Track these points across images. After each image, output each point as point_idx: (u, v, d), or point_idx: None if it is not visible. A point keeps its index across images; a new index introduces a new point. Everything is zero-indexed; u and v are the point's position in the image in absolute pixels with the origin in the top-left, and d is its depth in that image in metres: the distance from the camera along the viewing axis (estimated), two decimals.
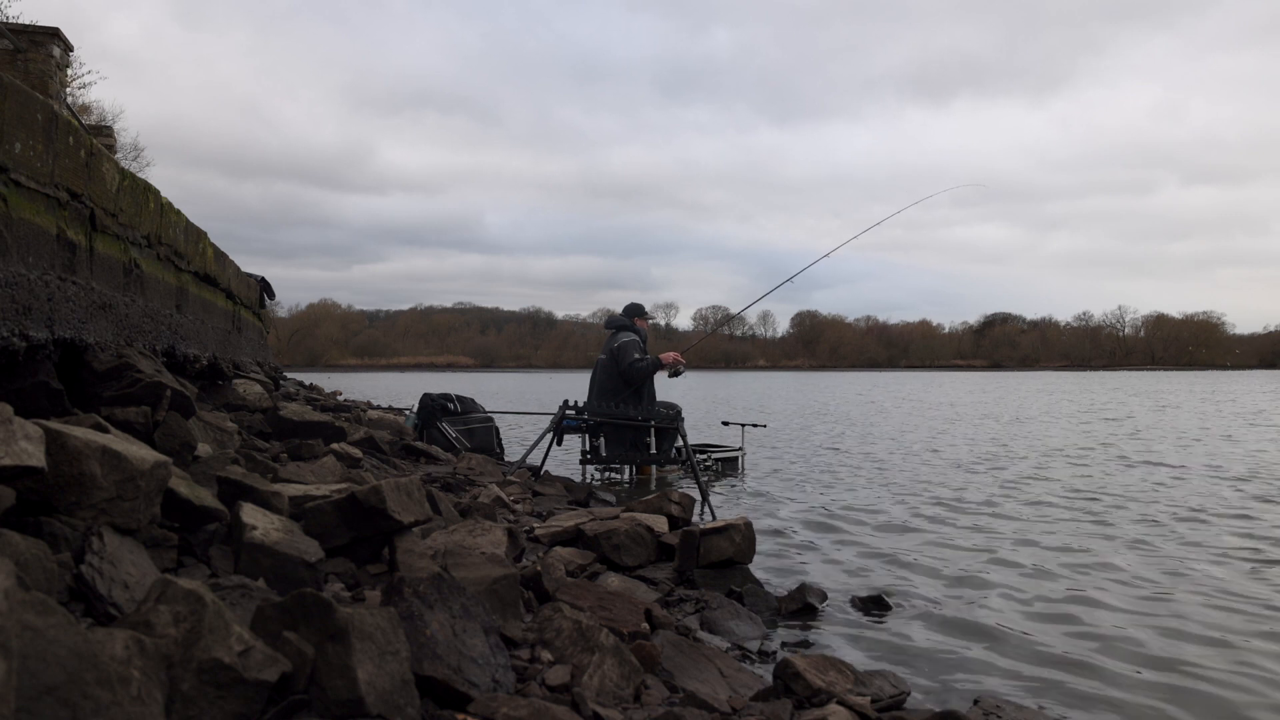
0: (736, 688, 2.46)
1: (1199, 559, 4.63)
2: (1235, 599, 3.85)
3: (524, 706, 1.64)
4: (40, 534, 1.66)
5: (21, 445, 1.58)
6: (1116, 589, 4.02)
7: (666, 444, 7.14)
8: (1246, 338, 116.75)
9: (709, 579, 3.76)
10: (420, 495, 2.60)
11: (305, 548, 2.14)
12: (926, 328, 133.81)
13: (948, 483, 7.65)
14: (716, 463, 8.38)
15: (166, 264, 5.02)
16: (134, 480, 1.80)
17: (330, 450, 4.63)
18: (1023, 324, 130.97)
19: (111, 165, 3.69)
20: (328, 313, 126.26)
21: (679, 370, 7.61)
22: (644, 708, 2.03)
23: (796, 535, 5.29)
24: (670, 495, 4.76)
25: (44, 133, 2.85)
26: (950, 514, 6.04)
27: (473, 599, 1.91)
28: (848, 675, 2.48)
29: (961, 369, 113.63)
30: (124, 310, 3.89)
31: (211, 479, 2.63)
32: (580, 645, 2.10)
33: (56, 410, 2.74)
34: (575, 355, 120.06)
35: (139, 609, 1.36)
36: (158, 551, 2.03)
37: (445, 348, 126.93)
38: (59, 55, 11.55)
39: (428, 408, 8.55)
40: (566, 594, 2.72)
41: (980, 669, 2.99)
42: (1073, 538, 5.19)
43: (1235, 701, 2.71)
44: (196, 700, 1.27)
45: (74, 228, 3.21)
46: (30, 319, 2.75)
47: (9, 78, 2.62)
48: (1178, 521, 5.71)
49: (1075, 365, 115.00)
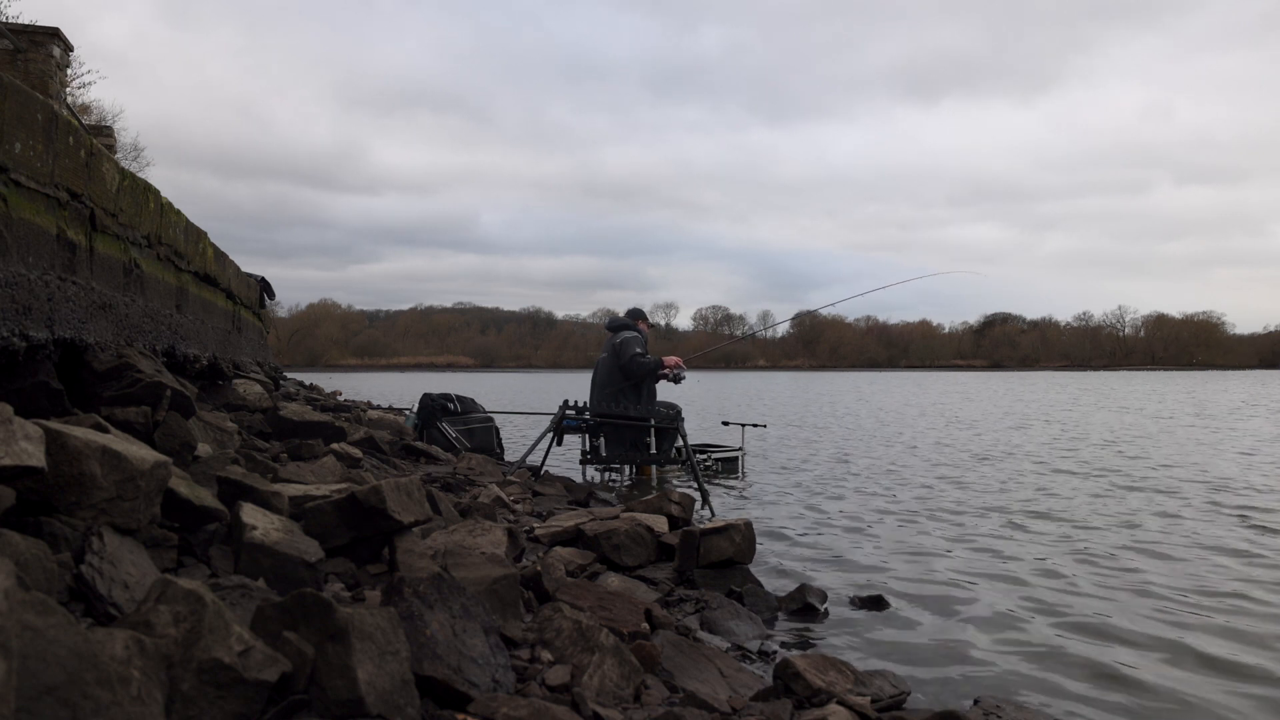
0: (736, 688, 2.46)
1: (1198, 560, 4.63)
2: (1235, 599, 3.85)
3: (524, 706, 1.64)
4: (40, 534, 1.66)
5: (21, 445, 1.58)
6: (1117, 589, 4.02)
7: (666, 444, 7.14)
8: (1246, 338, 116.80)
9: (709, 579, 3.76)
10: (420, 495, 2.60)
11: (305, 548, 2.14)
12: (926, 328, 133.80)
13: (949, 483, 7.65)
14: (716, 463, 8.38)
15: (166, 264, 5.02)
16: (134, 480, 1.80)
17: (330, 450, 4.63)
18: (1023, 324, 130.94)
19: (111, 165, 3.69)
20: (327, 313, 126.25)
21: (680, 376, 7.63)
22: (644, 708, 2.03)
23: (797, 535, 5.29)
24: (670, 495, 4.76)
25: (44, 133, 2.85)
26: (951, 514, 6.04)
27: (473, 599, 1.91)
28: (848, 675, 2.48)
29: (962, 369, 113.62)
30: (124, 310, 3.89)
31: (211, 479, 2.63)
32: (580, 645, 2.10)
33: (56, 410, 2.74)
34: (575, 355, 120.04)
35: (139, 609, 1.36)
36: (158, 551, 2.03)
37: (445, 348, 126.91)
38: (59, 55, 11.55)
39: (428, 408, 8.55)
40: (566, 594, 2.72)
41: (980, 669, 2.99)
42: (1073, 538, 5.19)
43: (1236, 701, 2.71)
44: (196, 700, 1.27)
45: (74, 228, 3.21)
46: (30, 319, 2.75)
47: (9, 78, 2.62)
48: (1180, 522, 5.71)
49: (1075, 365, 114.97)
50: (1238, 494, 6.91)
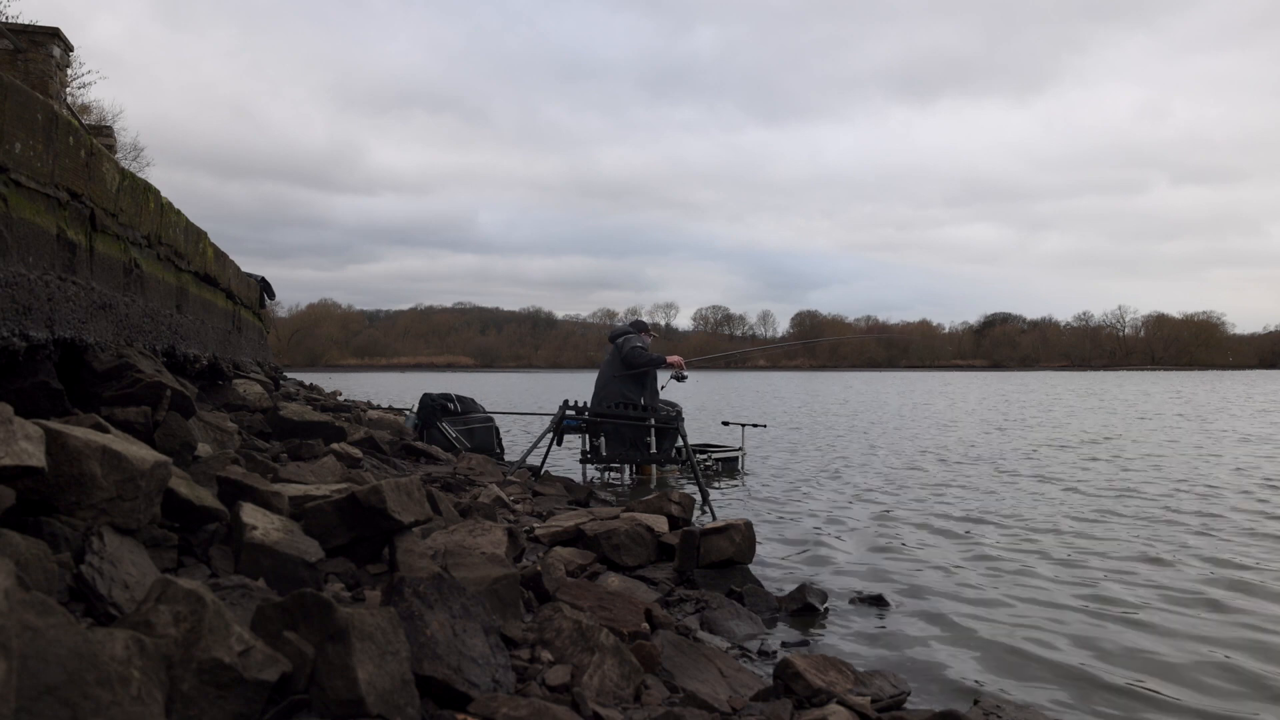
0: (736, 688, 2.46)
1: (1199, 558, 4.63)
2: (1236, 599, 3.85)
3: (524, 706, 1.64)
4: (40, 534, 1.66)
5: (21, 445, 1.58)
6: (1117, 590, 4.01)
7: (666, 444, 7.14)
8: (1246, 338, 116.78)
9: (709, 579, 3.76)
10: (420, 495, 2.60)
11: (305, 548, 2.14)
12: (926, 328, 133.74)
13: (949, 483, 7.65)
14: (716, 463, 8.38)
15: (166, 264, 5.02)
16: (134, 480, 1.80)
17: (330, 450, 4.63)
18: (1023, 324, 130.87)
19: (111, 165, 3.69)
20: (327, 313, 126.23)
21: (682, 375, 7.65)
22: (644, 707, 2.03)
23: (797, 535, 5.29)
24: (670, 495, 4.76)
25: (44, 133, 2.85)
26: (951, 514, 6.03)
27: (473, 599, 1.91)
28: (848, 675, 2.48)
29: (962, 369, 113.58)
30: (124, 310, 3.89)
31: (211, 479, 2.63)
32: (580, 645, 2.10)
33: (56, 410, 2.74)
34: (575, 355, 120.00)
35: (139, 609, 1.36)
36: (158, 551, 2.03)
37: (445, 348, 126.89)
38: (59, 55, 11.55)
39: (428, 408, 8.55)
40: (566, 594, 2.71)
41: (980, 669, 2.99)
42: (1074, 538, 5.19)
43: (1235, 701, 2.71)
44: (196, 700, 1.27)
45: (74, 228, 3.21)
46: (30, 319, 2.75)
47: (9, 78, 2.62)
48: (1181, 523, 5.71)
49: (1076, 365, 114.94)
50: (1246, 502, 6.91)
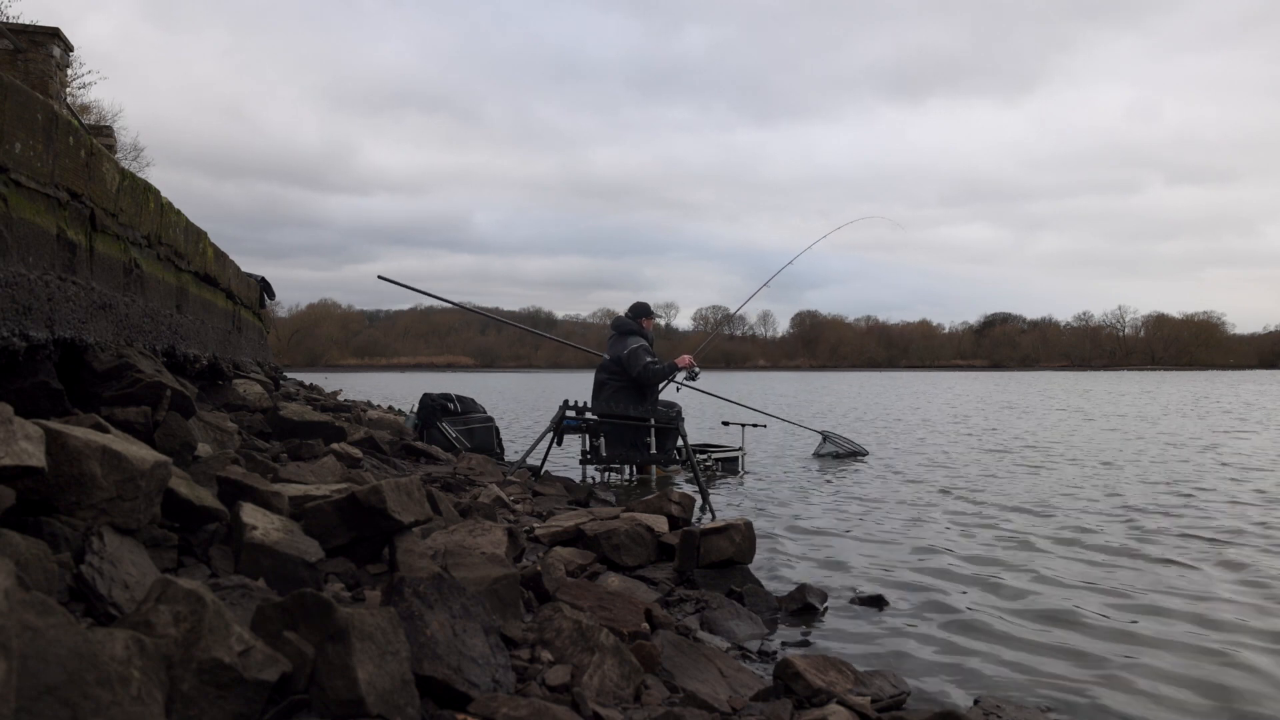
0: (736, 688, 2.46)
1: (1197, 560, 4.63)
2: (1237, 599, 3.85)
3: (524, 706, 1.64)
4: (40, 534, 1.66)
5: (21, 445, 1.58)
6: (1118, 590, 4.02)
7: (667, 444, 7.14)
8: (1246, 338, 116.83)
9: (709, 579, 3.76)
10: (420, 495, 2.60)
11: (305, 548, 2.14)
12: (926, 328, 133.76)
13: (949, 483, 7.65)
14: (716, 463, 8.38)
15: (166, 264, 5.03)
16: (134, 480, 1.80)
17: (330, 450, 4.62)
18: (1023, 324, 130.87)
19: (111, 165, 3.69)
20: (327, 313, 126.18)
21: (695, 373, 7.67)
22: (644, 708, 2.03)
23: (797, 535, 5.29)
24: (670, 495, 4.76)
25: (44, 133, 2.85)
26: (952, 514, 6.04)
27: (473, 599, 1.91)
28: (848, 675, 2.48)
29: (962, 369, 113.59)
30: (124, 310, 3.89)
31: (211, 479, 2.63)
32: (580, 645, 2.10)
33: (56, 410, 2.75)
34: (575, 355, 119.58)
35: (139, 609, 1.36)
36: (158, 551, 2.03)
37: (445, 348, 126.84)
38: (59, 55, 11.55)
39: (428, 408, 8.55)
40: (566, 594, 2.71)
41: (980, 669, 2.99)
42: (1075, 538, 5.18)
43: (1235, 701, 2.71)
44: (196, 700, 1.27)
45: (74, 228, 3.21)
46: (30, 319, 2.75)
47: (9, 78, 2.62)
48: (1182, 524, 5.71)
49: (1076, 365, 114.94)
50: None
